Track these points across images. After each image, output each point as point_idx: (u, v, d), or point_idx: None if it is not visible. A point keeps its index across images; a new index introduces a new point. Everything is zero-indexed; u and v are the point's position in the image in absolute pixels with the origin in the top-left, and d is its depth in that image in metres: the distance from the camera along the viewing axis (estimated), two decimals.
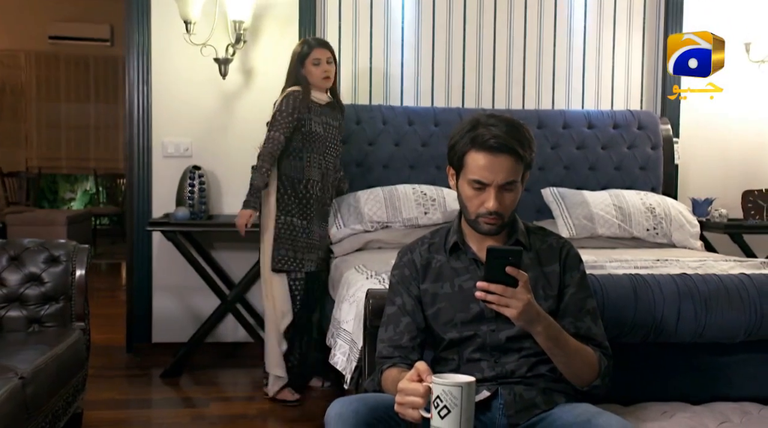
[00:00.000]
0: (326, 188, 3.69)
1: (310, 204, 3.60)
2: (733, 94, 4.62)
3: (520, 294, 1.64)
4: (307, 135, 3.57)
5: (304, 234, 3.60)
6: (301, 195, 3.58)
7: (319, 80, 3.58)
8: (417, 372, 1.59)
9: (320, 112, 3.62)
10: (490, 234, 1.88)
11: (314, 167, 3.60)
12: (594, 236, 3.99)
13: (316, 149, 3.60)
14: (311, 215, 3.61)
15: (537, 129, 4.31)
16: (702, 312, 2.19)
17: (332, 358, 2.85)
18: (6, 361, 2.27)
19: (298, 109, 3.53)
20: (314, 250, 3.64)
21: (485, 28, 4.49)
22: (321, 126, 3.61)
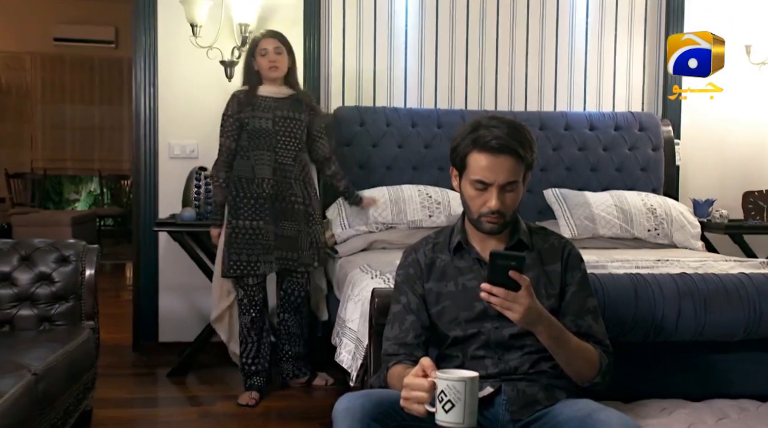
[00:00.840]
0: (284, 185, 3.56)
1: (261, 203, 3.51)
2: (733, 96, 4.67)
3: (522, 298, 1.69)
4: (252, 133, 3.51)
5: (255, 236, 3.51)
6: (251, 195, 3.51)
7: (266, 71, 3.52)
8: (422, 367, 1.63)
9: (270, 106, 3.53)
10: (492, 233, 1.92)
11: (264, 165, 3.51)
12: (595, 237, 4.03)
13: (263, 145, 3.51)
14: (264, 214, 3.52)
15: (539, 130, 4.35)
16: (701, 311, 2.23)
17: (338, 356, 2.90)
18: (19, 358, 2.32)
19: (239, 110, 3.51)
20: (272, 251, 3.54)
21: (488, 31, 4.53)
22: (268, 121, 3.51)
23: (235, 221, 3.50)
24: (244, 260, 3.50)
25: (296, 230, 3.58)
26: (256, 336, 3.61)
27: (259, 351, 3.63)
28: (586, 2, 4.61)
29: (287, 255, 3.57)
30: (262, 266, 3.52)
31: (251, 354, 3.62)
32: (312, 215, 3.65)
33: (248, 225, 3.50)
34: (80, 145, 10.41)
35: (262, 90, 3.55)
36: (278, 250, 3.55)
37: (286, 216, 3.56)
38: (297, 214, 3.58)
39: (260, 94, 3.54)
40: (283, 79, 3.58)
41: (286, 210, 3.56)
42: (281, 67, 3.53)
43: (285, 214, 3.56)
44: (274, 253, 3.55)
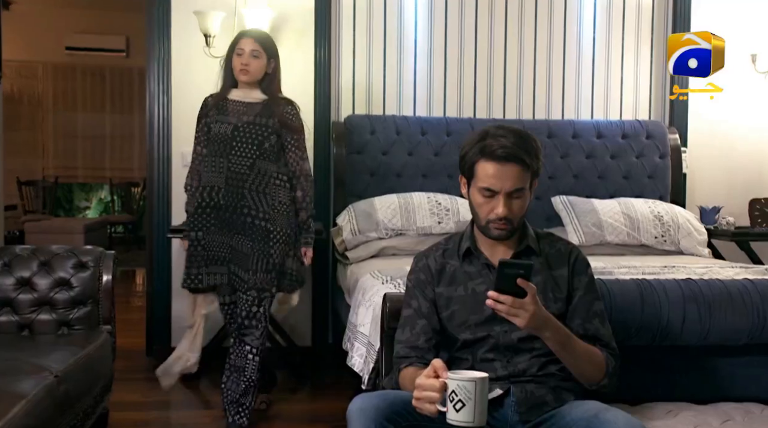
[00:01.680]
0: (235, 195, 3.22)
1: (208, 213, 3.25)
2: (739, 105, 4.72)
3: (528, 305, 1.74)
4: (212, 138, 3.27)
5: (203, 247, 3.26)
6: (204, 204, 3.26)
7: (236, 73, 3.25)
8: (433, 368, 1.69)
9: (238, 111, 3.26)
10: (500, 239, 1.98)
11: (216, 172, 3.23)
12: (603, 243, 4.08)
13: (217, 151, 3.24)
14: (209, 225, 3.25)
15: (547, 139, 4.41)
16: (706, 316, 2.28)
17: (349, 360, 2.96)
18: (40, 361, 2.39)
19: (206, 113, 3.32)
20: (223, 263, 3.26)
21: (496, 41, 4.59)
22: (229, 126, 3.22)
23: (189, 233, 3.31)
24: (193, 272, 3.28)
25: (249, 247, 3.21)
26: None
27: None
28: (593, 12, 4.67)
29: (238, 272, 3.25)
30: (205, 278, 3.27)
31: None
32: (272, 232, 3.22)
33: (197, 236, 3.27)
34: (91, 153, 10.51)
35: (233, 94, 3.30)
36: (232, 264, 3.26)
37: (238, 229, 3.23)
38: (251, 229, 3.21)
39: (230, 97, 3.29)
40: (257, 84, 3.29)
41: (237, 223, 3.22)
42: (252, 72, 3.24)
43: (237, 227, 3.23)
44: (230, 265, 3.26)
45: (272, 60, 3.30)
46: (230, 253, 3.25)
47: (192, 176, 3.37)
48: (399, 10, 4.51)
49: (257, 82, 3.28)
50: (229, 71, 3.29)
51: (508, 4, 4.58)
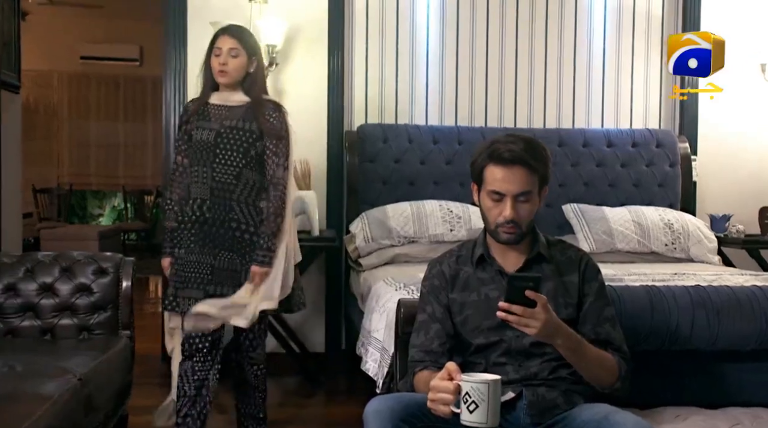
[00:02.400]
0: (222, 207, 2.93)
1: (189, 228, 2.95)
2: (749, 114, 4.76)
3: (539, 315, 1.78)
4: (193, 146, 2.98)
5: (183, 266, 2.94)
6: (185, 219, 2.97)
7: (214, 74, 2.97)
8: (447, 371, 1.75)
9: (219, 115, 2.98)
10: (509, 243, 2.03)
11: (200, 183, 2.94)
12: (613, 251, 4.11)
13: (200, 160, 2.95)
14: (188, 241, 2.94)
15: (557, 147, 4.46)
16: (715, 322, 2.31)
17: (364, 365, 3.01)
18: (63, 364, 2.45)
19: (186, 119, 3.04)
20: (204, 285, 2.91)
21: (507, 50, 4.65)
22: (211, 133, 2.94)
23: (176, 250, 2.99)
24: (171, 293, 2.97)
25: (239, 263, 2.93)
26: (195, 389, 2.97)
27: (195, 407, 2.96)
28: (603, 21, 4.72)
29: (224, 292, 2.91)
30: (182, 302, 2.92)
31: (182, 411, 2.96)
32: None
33: (178, 254, 2.97)
34: (105, 161, 10.63)
35: (214, 97, 3.01)
36: (213, 285, 2.92)
37: (226, 245, 2.93)
38: (241, 244, 2.93)
39: (211, 101, 3.01)
40: (239, 86, 3.00)
41: (225, 238, 2.92)
42: (231, 73, 2.95)
43: (224, 243, 2.93)
44: (207, 288, 2.91)
45: (253, 58, 3.00)
46: (210, 273, 2.92)
47: (172, 190, 3.06)
48: (411, 20, 4.57)
49: (239, 83, 2.99)
50: (208, 73, 3.01)
51: (519, 14, 4.64)
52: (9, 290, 3.00)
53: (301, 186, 4.23)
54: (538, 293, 1.79)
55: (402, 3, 4.55)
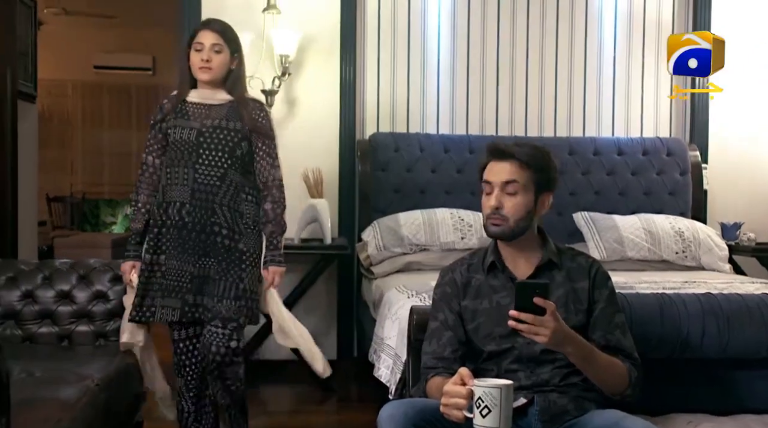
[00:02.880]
0: (205, 211, 2.77)
1: (164, 233, 2.79)
2: (761, 122, 4.76)
3: (548, 322, 1.81)
4: (172, 146, 2.83)
5: (158, 273, 2.78)
6: (161, 223, 2.80)
7: (195, 71, 2.81)
8: (460, 376, 1.78)
9: (199, 114, 2.83)
10: (495, 237, 2.08)
11: (179, 185, 2.77)
12: (624, 259, 4.13)
13: (180, 161, 2.79)
14: (166, 247, 2.79)
15: (568, 156, 4.48)
16: (725, 329, 2.33)
17: (376, 371, 3.04)
18: (82, 370, 2.50)
19: (162, 117, 2.87)
20: (183, 294, 2.76)
21: (518, 59, 4.68)
22: (192, 131, 2.79)
23: (148, 256, 2.81)
24: (146, 303, 2.78)
25: (216, 270, 2.76)
26: (193, 404, 2.91)
27: (199, 422, 2.94)
28: (613, 30, 4.74)
29: (201, 302, 2.77)
30: (158, 311, 2.77)
31: (187, 424, 2.93)
32: (245, 254, 2.80)
33: (158, 260, 2.80)
34: (117, 169, 10.70)
35: (192, 95, 2.86)
36: (192, 294, 2.77)
37: (208, 252, 2.77)
38: (222, 251, 2.77)
39: (189, 99, 2.86)
40: (221, 83, 2.85)
41: (206, 244, 2.77)
42: (215, 70, 2.80)
43: (206, 249, 2.77)
44: (186, 297, 2.76)
45: (236, 55, 2.87)
46: (189, 282, 2.76)
47: (139, 191, 2.90)
48: (423, 30, 4.61)
49: (220, 81, 2.84)
50: (186, 69, 2.85)
51: (530, 22, 4.67)
52: (27, 297, 3.04)
53: (313, 194, 4.28)
54: (547, 300, 1.81)
55: (413, 13, 4.60)
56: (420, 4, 4.60)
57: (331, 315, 4.57)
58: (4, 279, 3.06)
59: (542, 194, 2.08)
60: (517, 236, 2.07)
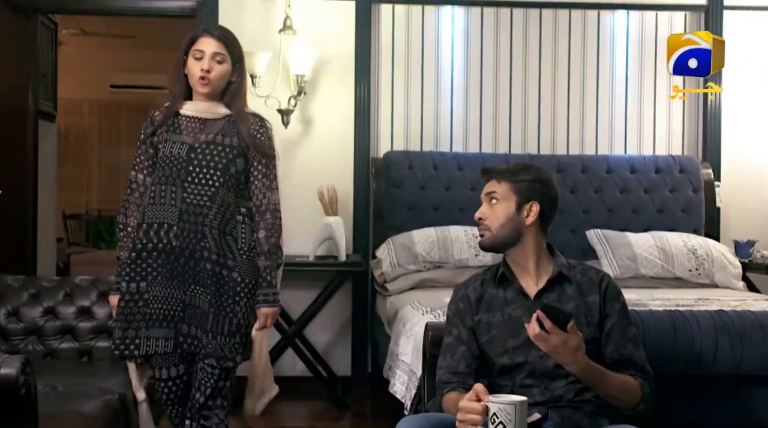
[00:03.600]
0: (194, 234, 2.50)
1: (144, 258, 2.51)
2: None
3: (569, 337, 1.86)
4: (161, 162, 2.55)
5: (140, 302, 2.50)
6: (144, 247, 2.51)
7: (194, 81, 2.55)
8: (475, 392, 1.81)
9: (193, 128, 2.57)
10: (484, 247, 2.20)
11: (165, 205, 2.51)
12: (637, 276, 4.14)
13: (168, 178, 2.52)
14: (147, 273, 2.50)
15: (581, 173, 4.52)
16: (738, 346, 2.36)
17: (391, 387, 3.07)
18: (103, 384, 2.55)
19: (150, 133, 2.60)
20: (170, 324, 2.50)
21: (530, 78, 4.72)
22: (183, 147, 2.53)
23: (124, 283, 2.53)
24: (129, 335, 2.50)
25: (208, 302, 2.49)
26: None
27: None
28: (626, 49, 4.78)
29: (195, 334, 2.51)
30: (143, 343, 2.48)
31: None
32: (240, 284, 2.52)
33: (138, 288, 2.51)
34: None
35: (187, 107, 2.59)
36: (186, 324, 2.51)
37: (197, 279, 2.51)
38: (212, 279, 2.50)
39: (183, 111, 2.58)
40: (218, 95, 2.59)
41: (195, 271, 2.50)
42: (214, 81, 2.54)
43: (195, 276, 2.51)
44: (180, 326, 2.51)
45: (238, 65, 2.61)
46: (182, 310, 2.51)
47: (127, 212, 2.61)
48: (436, 49, 4.67)
49: (218, 93, 2.59)
50: (182, 79, 2.59)
51: (543, 42, 4.72)
52: (49, 313, 3.10)
53: (328, 212, 4.32)
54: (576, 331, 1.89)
55: (427, 32, 4.66)
56: (433, 25, 4.67)
57: (345, 332, 4.60)
58: (27, 296, 3.13)
59: (526, 202, 2.15)
60: (504, 244, 2.15)
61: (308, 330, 4.49)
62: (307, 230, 4.38)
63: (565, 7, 4.70)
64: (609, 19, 4.76)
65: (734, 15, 4.73)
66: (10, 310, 3.10)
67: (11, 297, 3.13)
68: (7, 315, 3.09)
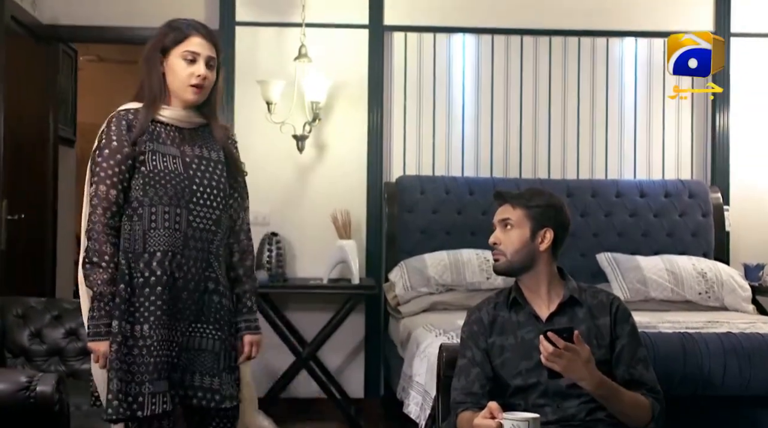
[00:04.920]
0: (200, 264, 2.21)
1: (139, 294, 2.15)
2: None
3: (580, 351, 1.92)
4: (150, 178, 2.18)
5: (144, 349, 2.12)
6: (138, 280, 2.15)
7: (183, 87, 2.22)
8: (489, 410, 1.87)
9: (174, 137, 2.24)
10: (499, 271, 2.25)
11: (170, 230, 2.17)
12: (647, 300, 4.18)
13: (170, 199, 2.19)
14: (148, 312, 2.14)
15: (591, 198, 4.58)
16: (746, 367, 2.40)
17: (406, 408, 3.12)
18: None
19: (126, 139, 2.18)
20: (165, 374, 2.15)
21: (541, 104, 4.80)
22: (176, 160, 2.22)
23: (116, 323, 2.12)
24: (133, 390, 2.12)
25: (218, 338, 2.22)
26: None
27: None
28: (634, 74, 4.85)
29: (201, 383, 2.19)
30: (147, 401, 2.11)
31: None
32: (229, 312, 2.28)
33: (141, 331, 2.13)
34: None
35: (165, 113, 2.24)
36: (179, 372, 2.18)
37: (200, 316, 2.21)
38: (218, 313, 2.23)
39: (160, 117, 2.23)
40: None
41: (199, 305, 2.21)
42: (206, 90, 2.26)
43: (199, 312, 2.21)
44: (173, 375, 2.17)
45: (219, 72, 2.33)
46: (176, 356, 2.17)
47: (101, 238, 2.15)
48: (448, 76, 4.75)
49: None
50: (158, 75, 2.23)
51: (552, 67, 4.80)
52: (71, 334, 3.17)
53: (341, 235, 4.40)
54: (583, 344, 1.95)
55: (439, 59, 4.75)
56: (445, 52, 4.76)
57: (358, 354, 4.66)
58: (49, 317, 3.20)
59: (540, 229, 2.20)
60: (519, 269, 2.21)
61: (322, 351, 4.54)
62: (320, 254, 4.46)
63: (574, 35, 4.79)
64: (618, 46, 4.84)
65: (741, 42, 4.80)
66: (33, 331, 3.18)
67: (34, 319, 3.20)
68: (31, 336, 3.17)
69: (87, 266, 2.14)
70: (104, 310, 2.13)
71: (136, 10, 4.59)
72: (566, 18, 4.78)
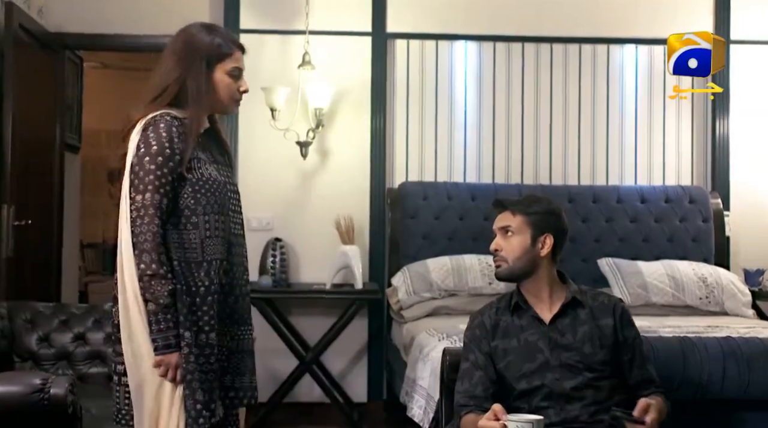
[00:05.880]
0: (240, 270, 2.24)
1: (210, 303, 2.13)
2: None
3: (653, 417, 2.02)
4: (198, 185, 2.16)
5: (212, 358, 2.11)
6: (206, 289, 2.13)
7: (230, 102, 2.27)
8: (494, 412, 1.91)
9: (206, 146, 2.25)
10: (500, 277, 2.30)
11: (219, 239, 2.17)
12: (648, 304, 4.22)
13: (215, 207, 2.18)
14: (213, 318, 2.13)
15: (592, 203, 4.61)
16: (745, 371, 2.44)
17: (409, 411, 3.16)
18: None
19: (178, 145, 2.13)
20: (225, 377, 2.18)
21: (542, 110, 4.84)
22: (214, 167, 2.23)
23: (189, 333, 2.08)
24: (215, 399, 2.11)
25: (250, 339, 2.27)
26: None
27: None
28: (635, 81, 4.89)
29: (243, 383, 2.23)
30: (218, 409, 2.11)
31: None
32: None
33: (200, 340, 2.11)
34: None
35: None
36: (230, 374, 2.20)
37: (241, 319, 2.23)
38: (250, 312, 2.30)
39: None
40: None
41: (243, 308, 2.24)
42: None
43: (241, 315, 2.24)
44: (224, 379, 2.18)
45: None
46: (225, 360, 2.18)
47: (159, 249, 2.09)
48: (450, 83, 4.80)
49: None
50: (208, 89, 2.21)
51: (554, 74, 4.84)
52: (78, 338, 3.21)
53: (345, 241, 4.43)
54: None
55: (441, 66, 4.80)
56: (447, 59, 4.80)
57: (361, 358, 4.69)
58: (57, 322, 3.24)
59: (541, 235, 2.25)
60: (520, 275, 2.25)
61: (325, 356, 4.57)
62: (324, 259, 4.50)
63: (575, 42, 4.84)
64: (618, 53, 4.89)
65: (741, 49, 4.84)
66: (41, 336, 3.22)
67: (42, 324, 3.25)
68: (39, 341, 3.21)
69: (145, 278, 2.05)
70: (172, 321, 2.07)
71: (141, 18, 4.64)
72: (567, 25, 4.83)
